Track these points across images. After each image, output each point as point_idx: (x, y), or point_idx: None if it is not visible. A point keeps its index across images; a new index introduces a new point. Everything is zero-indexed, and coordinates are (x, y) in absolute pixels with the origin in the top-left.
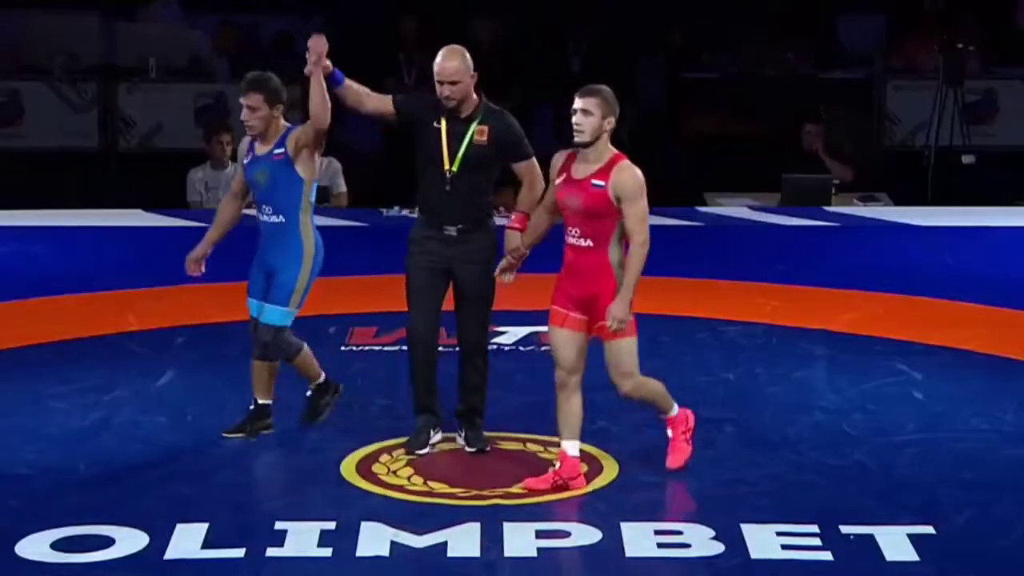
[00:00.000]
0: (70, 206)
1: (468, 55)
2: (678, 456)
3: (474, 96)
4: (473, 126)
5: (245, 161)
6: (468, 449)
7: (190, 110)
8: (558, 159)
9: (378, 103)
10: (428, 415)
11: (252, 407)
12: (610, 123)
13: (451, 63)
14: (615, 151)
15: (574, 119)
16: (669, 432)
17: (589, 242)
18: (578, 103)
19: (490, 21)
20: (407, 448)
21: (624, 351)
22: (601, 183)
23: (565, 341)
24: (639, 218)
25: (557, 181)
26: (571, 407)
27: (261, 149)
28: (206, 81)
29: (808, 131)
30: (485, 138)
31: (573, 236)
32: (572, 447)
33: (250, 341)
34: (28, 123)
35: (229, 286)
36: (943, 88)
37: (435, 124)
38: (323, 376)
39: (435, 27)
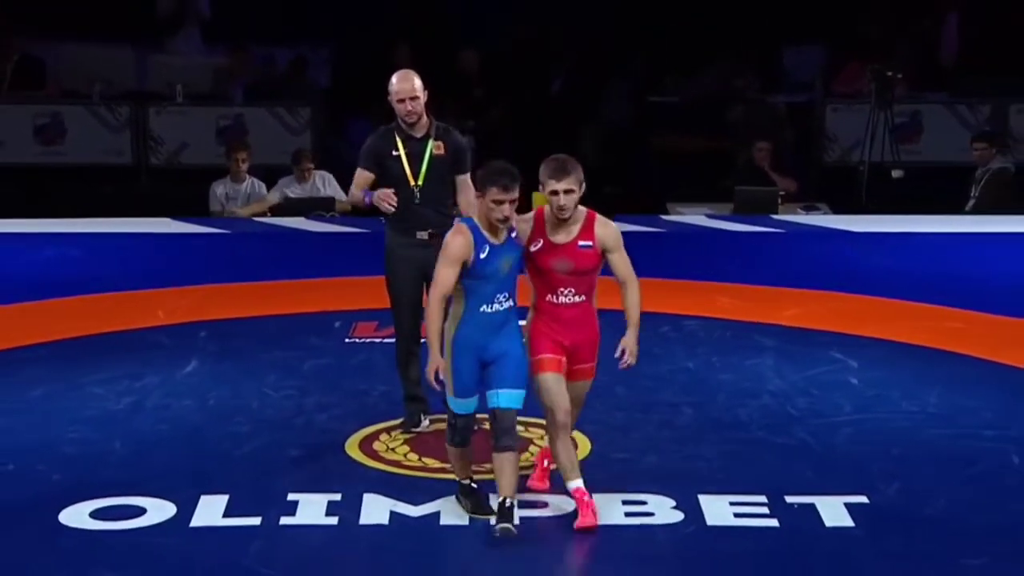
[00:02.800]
0: (106, 215)
1: (418, 78)
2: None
3: (425, 117)
4: (430, 143)
5: (483, 256)
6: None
7: (212, 130)
8: (523, 226)
9: (367, 181)
10: (417, 403)
11: (508, 504)
12: (583, 186)
13: (408, 84)
14: (585, 209)
15: (559, 200)
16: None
17: (582, 297)
18: (560, 184)
19: (475, 49)
20: (403, 428)
21: (586, 389)
22: (588, 243)
23: (562, 386)
24: (628, 263)
25: (532, 248)
26: (570, 447)
27: (498, 240)
28: (226, 105)
29: (758, 148)
30: (442, 151)
31: (566, 295)
32: (582, 483)
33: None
34: (70, 142)
35: (245, 286)
36: (875, 110)
37: (393, 152)
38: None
39: (425, 54)
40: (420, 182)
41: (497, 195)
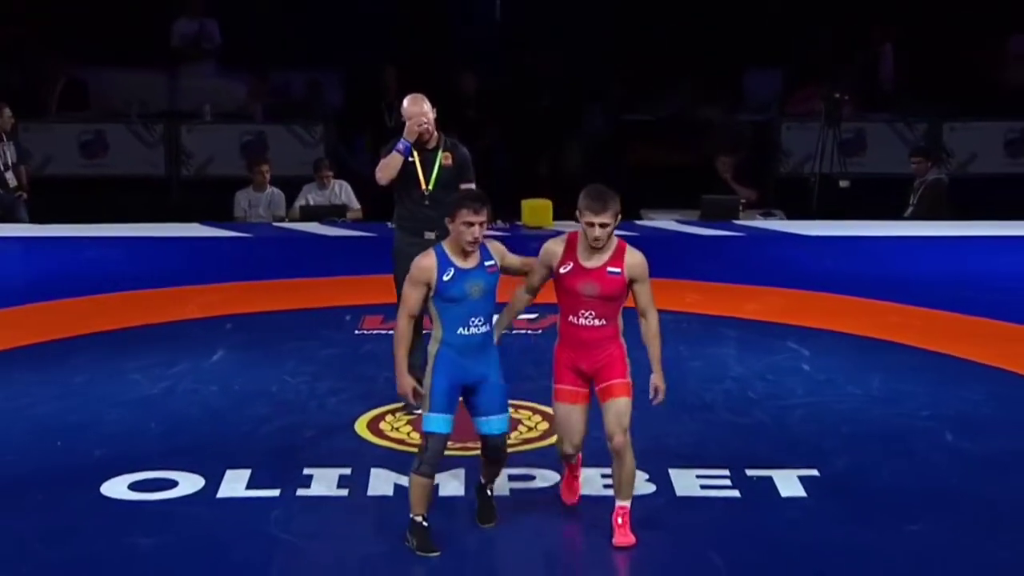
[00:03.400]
0: (142, 220)
1: (427, 101)
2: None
3: (435, 131)
4: (440, 154)
5: (446, 278)
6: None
7: (236, 145)
8: (555, 248)
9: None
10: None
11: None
12: (619, 217)
13: (418, 107)
14: (617, 238)
15: (595, 232)
16: (619, 519)
17: (603, 321)
18: (597, 218)
19: (470, 73)
20: (405, 409)
21: (629, 406)
22: (617, 270)
23: (578, 418)
24: (651, 295)
25: (562, 271)
26: (631, 465)
27: (467, 264)
28: (249, 123)
29: (721, 162)
30: (450, 162)
31: (586, 318)
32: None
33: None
34: (111, 156)
35: (266, 284)
36: (824, 128)
37: (409, 159)
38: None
39: (420, 77)
40: (430, 187)
41: (468, 216)
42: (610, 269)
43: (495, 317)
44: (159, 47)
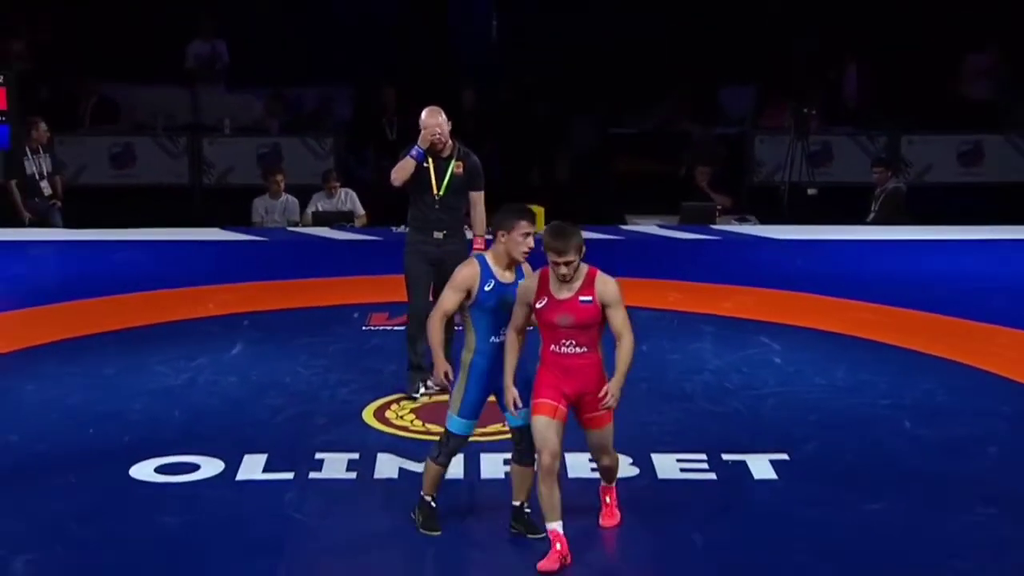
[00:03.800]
0: (167, 226)
1: (443, 113)
2: (610, 518)
3: (450, 141)
4: (452, 162)
5: (487, 288)
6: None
7: (253, 156)
8: (530, 284)
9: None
10: (419, 371)
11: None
12: (583, 250)
13: (434, 119)
14: (587, 266)
15: (561, 269)
16: (607, 498)
17: (584, 348)
18: (561, 258)
19: (471, 90)
20: (406, 394)
21: (609, 434)
22: (589, 298)
23: (556, 430)
24: (625, 319)
25: (538, 305)
26: (557, 493)
27: (506, 278)
28: (265, 135)
29: (699, 171)
30: (462, 170)
31: (568, 346)
32: (560, 526)
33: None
34: (139, 166)
35: (280, 283)
36: (794, 141)
37: (424, 166)
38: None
39: (419, 94)
40: (441, 193)
41: (526, 228)
42: (582, 298)
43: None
44: (182, 67)
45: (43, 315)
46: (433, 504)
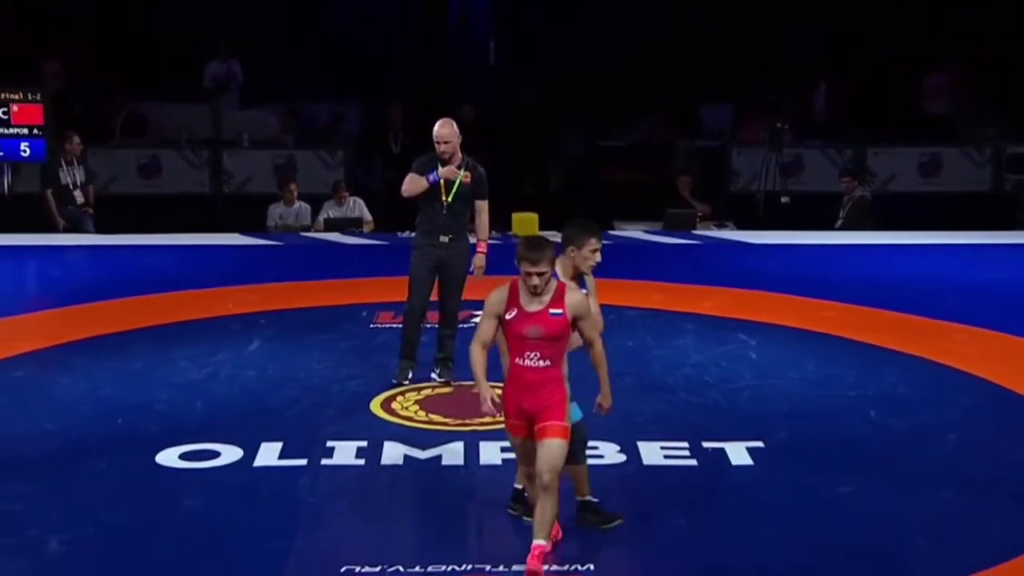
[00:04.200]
0: (190, 231)
1: (456, 124)
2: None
3: (459, 153)
4: (461, 172)
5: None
6: (439, 380)
7: (269, 167)
8: (500, 296)
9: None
10: (409, 361)
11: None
12: (555, 263)
13: (445, 130)
14: (556, 280)
15: (533, 280)
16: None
17: (548, 362)
18: (535, 268)
19: (469, 105)
20: (396, 380)
21: (561, 448)
22: (559, 311)
23: (530, 448)
24: (595, 327)
25: (507, 317)
26: (547, 506)
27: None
28: (280, 148)
29: (682, 181)
30: (469, 180)
31: (532, 359)
32: (543, 543)
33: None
34: (164, 176)
35: (294, 285)
36: (768, 153)
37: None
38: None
39: (423, 110)
40: (450, 200)
41: (595, 244)
42: (552, 311)
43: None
44: (202, 85)
45: (76, 314)
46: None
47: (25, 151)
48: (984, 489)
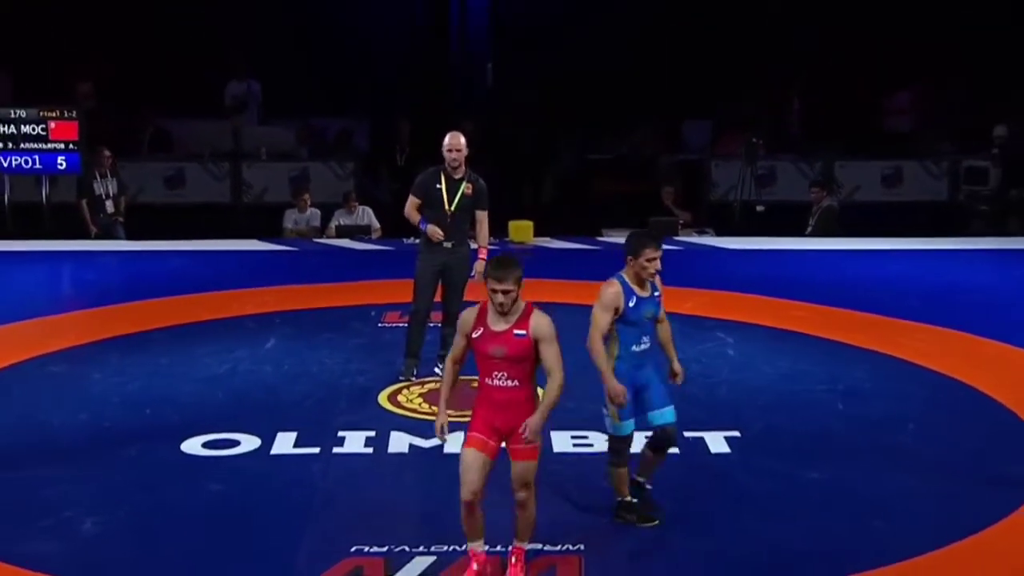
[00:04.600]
0: (212, 237)
1: (463, 137)
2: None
3: (464, 165)
4: (463, 183)
5: (631, 304)
6: (442, 375)
7: (285, 178)
8: (469, 316)
9: (415, 205)
10: (414, 358)
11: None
12: (522, 283)
13: (456, 140)
14: (524, 302)
15: (499, 297)
16: (513, 558)
17: (515, 382)
18: (500, 285)
19: (469, 120)
20: (402, 376)
21: (531, 469)
22: (523, 332)
23: (480, 465)
24: (557, 356)
25: (474, 335)
26: (477, 520)
27: (644, 293)
28: (295, 161)
29: (665, 191)
30: (471, 191)
31: (499, 379)
32: (480, 545)
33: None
34: (188, 187)
35: (308, 287)
36: (744, 165)
37: (437, 186)
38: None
39: (421, 128)
40: (452, 209)
41: (651, 253)
42: (516, 331)
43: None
44: (224, 103)
45: (108, 314)
46: (634, 501)
47: (61, 164)
48: (940, 474)
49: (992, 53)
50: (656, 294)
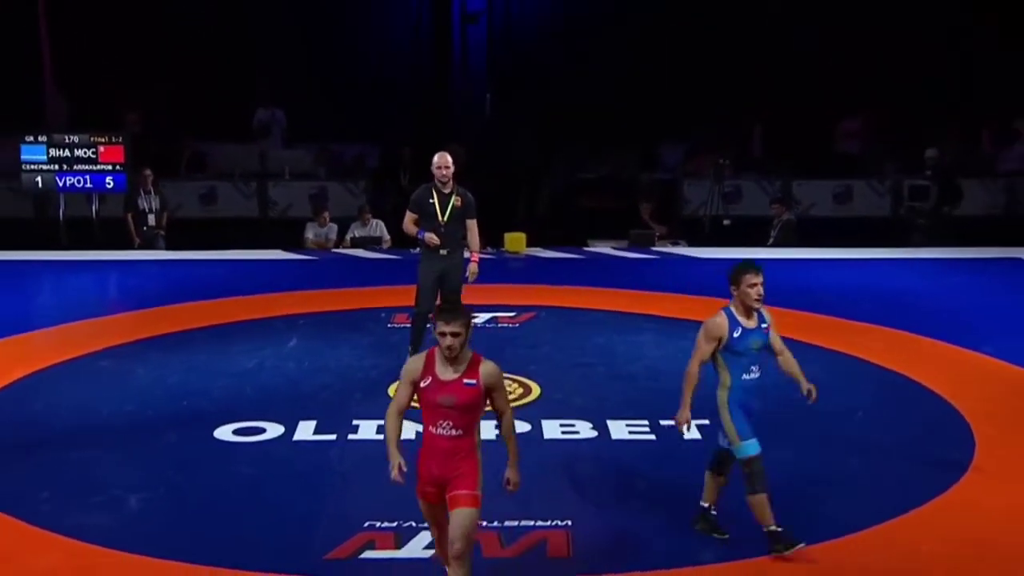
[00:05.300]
0: (242, 248)
1: (450, 156)
2: None
3: (452, 181)
4: (453, 197)
5: (736, 334)
6: None
7: (306, 195)
8: (416, 365)
9: (412, 219)
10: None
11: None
12: (471, 328)
13: (443, 159)
14: (471, 351)
15: (447, 340)
16: None
17: (460, 431)
18: (448, 327)
19: (461, 144)
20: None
21: (472, 517)
22: (473, 381)
23: (438, 514)
24: (506, 398)
25: (422, 384)
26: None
27: (750, 323)
28: (315, 180)
29: (643, 207)
30: (460, 203)
31: (444, 428)
32: None
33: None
34: (219, 203)
35: (326, 292)
36: (713, 183)
37: (430, 201)
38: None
39: (422, 153)
40: (445, 219)
41: (751, 280)
42: (466, 381)
43: None
44: (251, 129)
45: (150, 316)
46: (780, 529)
47: (109, 183)
48: (885, 457)
49: (929, 83)
50: (764, 325)
